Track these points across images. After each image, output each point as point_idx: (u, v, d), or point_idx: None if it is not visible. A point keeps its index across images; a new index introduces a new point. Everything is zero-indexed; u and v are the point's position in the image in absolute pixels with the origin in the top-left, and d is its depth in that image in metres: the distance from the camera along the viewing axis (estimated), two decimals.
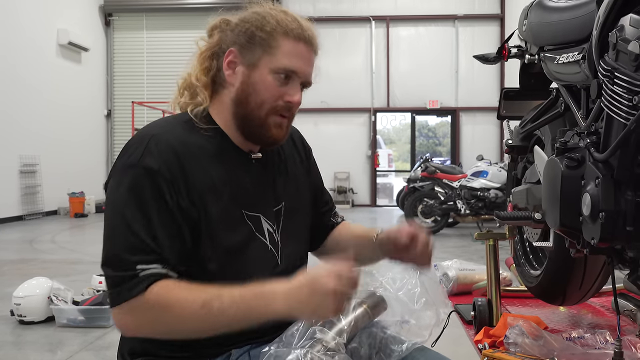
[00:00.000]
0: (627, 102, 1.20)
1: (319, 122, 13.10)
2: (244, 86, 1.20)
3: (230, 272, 1.19)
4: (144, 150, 1.13)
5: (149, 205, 1.09)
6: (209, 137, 1.21)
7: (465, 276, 2.38)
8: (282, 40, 1.18)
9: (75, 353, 3.14)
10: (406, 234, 1.25)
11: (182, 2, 13.53)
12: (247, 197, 1.23)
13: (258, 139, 1.25)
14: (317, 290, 1.03)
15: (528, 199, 1.81)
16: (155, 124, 1.22)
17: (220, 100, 1.24)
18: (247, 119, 1.21)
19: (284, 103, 1.21)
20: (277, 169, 1.34)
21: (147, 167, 1.11)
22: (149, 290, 1.05)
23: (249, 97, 1.20)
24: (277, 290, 1.06)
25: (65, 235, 8.75)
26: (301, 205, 1.38)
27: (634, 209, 1.23)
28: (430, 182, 8.78)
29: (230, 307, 1.05)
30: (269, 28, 1.18)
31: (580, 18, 1.51)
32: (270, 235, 1.26)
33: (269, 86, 1.19)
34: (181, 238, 1.12)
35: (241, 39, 1.20)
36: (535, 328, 1.54)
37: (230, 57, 1.21)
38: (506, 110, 2.15)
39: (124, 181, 1.11)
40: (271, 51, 1.18)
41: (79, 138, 12.16)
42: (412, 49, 13.42)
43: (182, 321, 1.07)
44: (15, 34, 10.11)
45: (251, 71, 1.19)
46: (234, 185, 1.21)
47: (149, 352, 1.17)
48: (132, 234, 1.08)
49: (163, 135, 1.16)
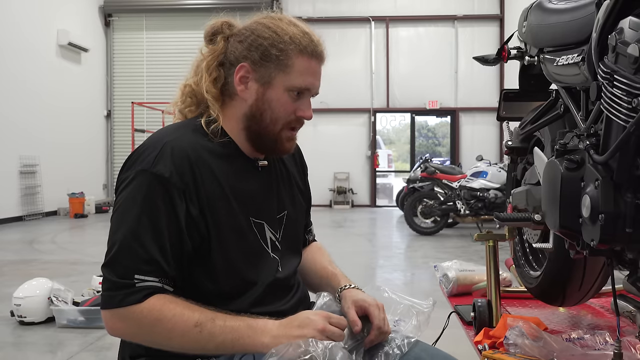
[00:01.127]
0: (626, 104, 1.20)
1: (318, 123, 13.10)
2: (259, 103, 1.21)
3: (235, 278, 1.20)
4: (157, 155, 1.13)
5: (157, 213, 1.10)
6: (218, 144, 1.22)
7: (465, 277, 2.38)
8: (296, 59, 1.19)
9: (75, 354, 3.14)
10: (352, 321, 1.19)
11: (182, 3, 13.53)
12: (254, 204, 1.25)
13: (270, 151, 1.28)
14: (306, 329, 1.07)
15: (528, 200, 1.82)
16: (169, 130, 1.23)
17: (230, 112, 1.25)
18: (261, 134, 1.23)
19: (296, 118, 1.23)
20: (281, 178, 1.36)
21: (159, 174, 1.12)
22: (145, 301, 1.07)
23: (263, 114, 1.21)
24: (268, 326, 1.09)
25: (65, 235, 8.75)
26: (299, 216, 1.40)
27: (634, 211, 1.23)
28: (430, 183, 8.79)
29: (220, 333, 1.08)
30: (283, 46, 1.18)
31: (580, 20, 1.52)
32: (273, 243, 1.28)
33: (285, 104, 1.21)
34: (187, 246, 1.13)
35: (254, 54, 1.20)
36: (535, 329, 1.55)
37: (242, 72, 1.21)
38: (506, 112, 2.15)
39: (135, 186, 1.12)
40: (286, 70, 1.19)
41: (78, 139, 12.16)
42: (411, 49, 13.42)
43: (171, 337, 1.09)
44: (15, 35, 10.11)
45: (266, 89, 1.20)
46: (242, 191, 1.23)
47: (151, 354, 1.17)
48: (136, 240, 1.09)
49: (177, 142, 1.16)
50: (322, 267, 1.42)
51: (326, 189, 13.12)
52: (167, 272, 1.11)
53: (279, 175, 1.35)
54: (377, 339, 1.20)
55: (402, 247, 7.62)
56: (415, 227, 8.46)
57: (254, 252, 1.24)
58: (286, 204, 1.35)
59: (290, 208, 1.36)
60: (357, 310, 1.22)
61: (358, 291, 1.30)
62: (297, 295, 1.32)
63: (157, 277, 1.09)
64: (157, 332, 1.09)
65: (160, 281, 1.10)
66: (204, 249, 1.16)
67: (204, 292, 1.17)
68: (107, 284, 1.10)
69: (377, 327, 1.20)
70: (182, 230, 1.12)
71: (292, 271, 1.33)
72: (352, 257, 6.30)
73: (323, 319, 1.09)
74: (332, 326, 1.09)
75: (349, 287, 1.31)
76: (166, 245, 1.10)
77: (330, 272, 1.40)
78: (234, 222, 1.20)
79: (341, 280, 1.35)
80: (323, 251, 1.50)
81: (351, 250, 6.99)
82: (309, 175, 1.49)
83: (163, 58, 13.27)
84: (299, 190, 1.42)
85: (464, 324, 1.99)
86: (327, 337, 1.06)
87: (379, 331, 1.20)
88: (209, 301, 1.15)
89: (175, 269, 1.13)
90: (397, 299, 1.33)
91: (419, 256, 6.65)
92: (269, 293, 1.23)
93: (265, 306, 1.22)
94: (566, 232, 1.45)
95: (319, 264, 1.44)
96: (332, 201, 13.25)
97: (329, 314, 1.12)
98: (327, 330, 1.08)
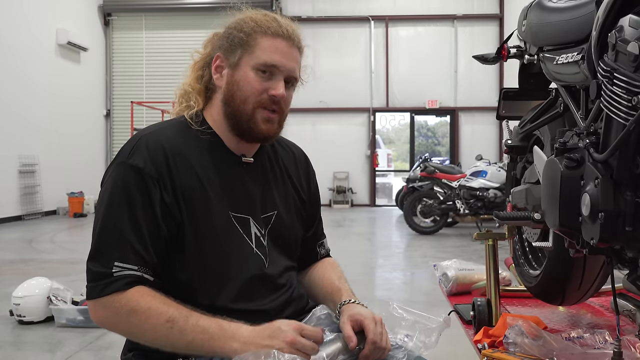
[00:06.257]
0: (626, 102, 1.20)
1: (318, 122, 13.10)
2: (229, 85, 1.26)
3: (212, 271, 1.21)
4: (133, 149, 1.20)
5: (134, 202, 1.15)
6: (201, 139, 1.27)
7: (464, 276, 2.38)
8: (260, 38, 1.24)
9: (74, 353, 3.14)
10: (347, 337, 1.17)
11: (181, 2, 13.53)
12: (235, 199, 1.27)
13: (249, 134, 1.28)
14: (276, 339, 1.06)
15: (527, 199, 1.81)
16: (149, 127, 1.30)
17: (213, 105, 1.31)
18: (235, 116, 1.26)
19: (268, 97, 1.25)
20: (273, 177, 1.36)
21: (134, 165, 1.17)
22: (125, 292, 1.10)
23: (234, 95, 1.25)
24: (240, 331, 1.09)
25: (65, 235, 8.75)
26: (293, 218, 1.38)
27: (634, 209, 1.23)
28: (430, 182, 8.79)
29: (191, 332, 1.09)
30: (247, 28, 1.25)
31: (580, 18, 1.51)
32: (258, 239, 1.28)
33: (252, 81, 1.24)
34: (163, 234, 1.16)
35: (224, 42, 1.28)
36: (535, 328, 1.54)
37: (217, 62, 1.28)
38: (505, 111, 2.15)
39: (112, 177, 1.18)
40: (250, 49, 1.24)
41: (78, 138, 12.16)
42: (411, 49, 13.42)
43: (144, 329, 1.11)
44: (14, 34, 10.10)
45: (234, 71, 1.26)
46: (222, 186, 1.25)
47: (153, 350, 1.17)
48: (114, 230, 1.13)
49: (153, 136, 1.23)
50: (329, 283, 1.39)
51: (325, 189, 13.11)
52: (146, 260, 1.14)
53: (269, 174, 1.36)
54: (372, 354, 1.17)
55: (401, 246, 7.62)
56: (415, 226, 8.47)
57: (233, 246, 1.24)
58: (277, 204, 1.34)
59: (281, 208, 1.35)
60: (353, 324, 1.19)
61: (357, 306, 1.26)
62: (285, 296, 1.29)
63: (136, 265, 1.12)
64: (132, 323, 1.11)
65: (139, 269, 1.12)
66: (178, 238, 1.19)
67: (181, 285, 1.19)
68: (89, 275, 1.14)
69: (371, 341, 1.16)
70: (158, 216, 1.16)
71: (280, 270, 1.31)
72: (351, 257, 6.30)
73: (294, 330, 1.07)
74: (303, 339, 1.07)
75: (348, 302, 1.28)
76: (144, 233, 1.14)
77: (335, 287, 1.36)
78: (211, 214, 1.22)
79: (344, 295, 1.31)
80: (335, 267, 1.46)
81: (351, 250, 6.99)
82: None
83: (162, 57, 13.26)
84: (297, 194, 1.41)
85: (463, 323, 1.99)
86: (296, 350, 1.05)
87: (373, 346, 1.16)
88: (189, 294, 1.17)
89: (155, 257, 1.16)
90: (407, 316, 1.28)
91: (419, 255, 6.65)
92: (251, 288, 1.23)
93: (246, 302, 1.22)
94: (566, 231, 1.45)
95: (327, 279, 1.40)
96: (332, 200, 13.25)
97: (302, 325, 1.09)
98: (297, 343, 1.06)
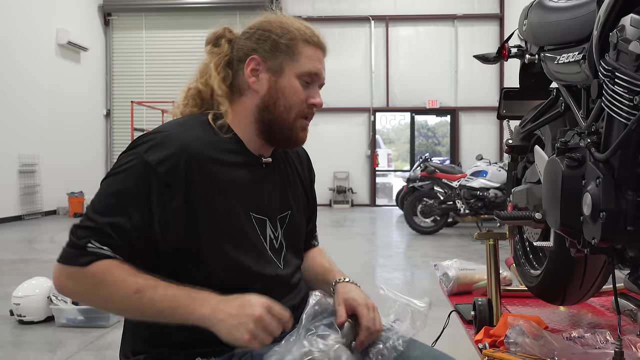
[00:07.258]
0: (627, 102, 1.20)
1: (318, 122, 13.09)
2: (272, 92, 1.25)
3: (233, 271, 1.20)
4: (153, 144, 1.16)
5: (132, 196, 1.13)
6: (222, 140, 1.24)
7: (465, 276, 2.37)
8: (303, 47, 1.25)
9: (74, 353, 3.14)
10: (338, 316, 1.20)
11: (182, 2, 13.53)
12: (255, 200, 1.26)
13: (285, 142, 1.30)
14: (244, 310, 1.06)
15: (528, 198, 1.81)
16: (174, 122, 1.26)
17: (239, 108, 1.28)
18: (275, 123, 1.26)
19: (307, 106, 1.27)
20: (286, 178, 1.38)
21: (148, 161, 1.14)
22: (93, 264, 1.09)
23: (277, 102, 1.25)
24: (209, 298, 1.09)
25: (65, 235, 8.62)
26: (302, 218, 1.41)
27: (635, 209, 1.23)
28: (430, 182, 8.79)
29: (160, 301, 1.08)
30: (291, 36, 1.25)
31: (581, 18, 1.51)
32: (271, 241, 1.29)
33: (297, 91, 1.25)
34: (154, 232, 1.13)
35: (263, 46, 1.25)
36: (536, 328, 1.54)
37: (252, 64, 1.26)
38: (506, 110, 2.15)
39: (123, 166, 1.15)
40: (295, 57, 1.25)
41: (78, 138, 12.16)
42: (411, 48, 13.42)
43: (112, 300, 1.11)
44: (14, 34, 10.10)
45: (278, 77, 1.25)
46: (243, 187, 1.24)
47: (151, 351, 1.18)
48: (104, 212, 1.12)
49: (177, 134, 1.19)
50: (320, 265, 1.44)
51: (326, 189, 13.12)
52: (124, 251, 1.12)
53: (284, 174, 1.37)
54: (367, 339, 1.20)
55: (402, 246, 7.62)
56: (415, 226, 8.46)
57: (253, 247, 1.24)
58: (291, 204, 1.36)
59: (294, 208, 1.37)
60: (347, 309, 1.22)
61: (352, 286, 1.30)
62: (300, 295, 1.32)
63: (112, 250, 1.11)
64: (98, 295, 1.12)
65: (113, 254, 1.11)
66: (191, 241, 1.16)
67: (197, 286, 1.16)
68: (68, 240, 1.13)
69: (365, 327, 1.20)
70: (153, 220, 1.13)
71: (293, 270, 1.33)
72: (352, 257, 6.30)
73: (263, 306, 1.07)
74: (269, 317, 1.07)
75: (342, 280, 1.32)
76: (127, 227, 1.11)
77: (327, 268, 1.42)
78: (233, 215, 1.21)
79: (336, 275, 1.36)
80: (323, 253, 1.52)
81: (351, 250, 6.99)
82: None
83: (162, 57, 13.27)
84: (304, 192, 1.44)
85: (464, 323, 1.99)
86: (261, 327, 1.05)
87: (368, 331, 1.20)
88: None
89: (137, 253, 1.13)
90: (392, 297, 1.32)
91: (419, 255, 6.64)
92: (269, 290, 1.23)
93: None
94: (567, 231, 1.45)
95: (318, 262, 1.45)
96: (332, 200, 13.25)
97: (272, 304, 1.09)
98: (264, 320, 1.06)
